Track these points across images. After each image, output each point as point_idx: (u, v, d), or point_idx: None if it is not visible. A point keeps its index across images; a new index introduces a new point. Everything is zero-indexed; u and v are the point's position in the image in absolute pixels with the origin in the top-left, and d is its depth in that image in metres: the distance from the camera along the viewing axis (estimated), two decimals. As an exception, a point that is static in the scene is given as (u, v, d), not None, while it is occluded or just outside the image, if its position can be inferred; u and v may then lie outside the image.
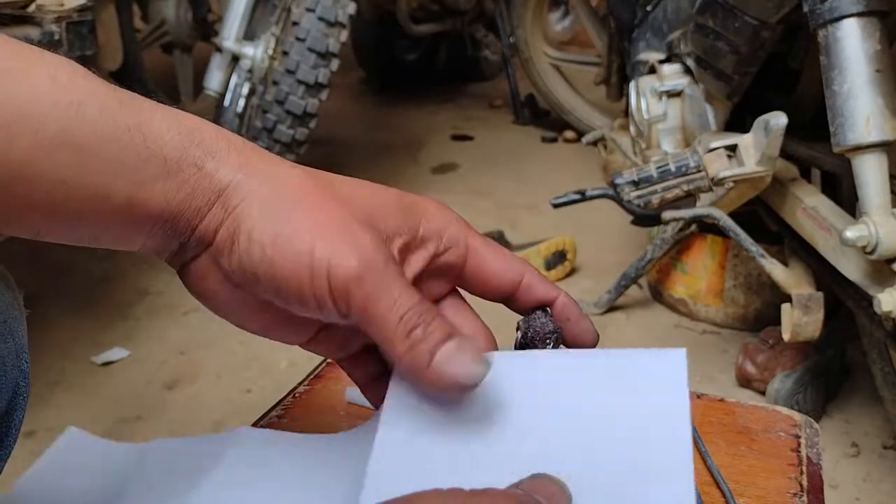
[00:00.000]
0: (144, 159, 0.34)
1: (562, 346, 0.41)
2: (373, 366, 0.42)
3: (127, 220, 0.35)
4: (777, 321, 1.35)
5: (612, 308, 1.80)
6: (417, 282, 0.39)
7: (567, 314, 0.41)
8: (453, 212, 0.41)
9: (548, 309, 0.41)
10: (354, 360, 0.42)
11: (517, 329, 0.41)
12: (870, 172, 1.04)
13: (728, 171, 1.29)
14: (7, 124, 0.32)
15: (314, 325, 0.40)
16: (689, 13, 1.45)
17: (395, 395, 0.38)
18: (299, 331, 0.40)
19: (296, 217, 0.35)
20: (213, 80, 1.99)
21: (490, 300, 0.42)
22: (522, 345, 0.40)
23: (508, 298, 0.41)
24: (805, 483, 0.52)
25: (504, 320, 0.46)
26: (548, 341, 0.40)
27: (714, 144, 1.31)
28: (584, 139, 2.32)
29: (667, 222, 1.52)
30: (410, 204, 0.39)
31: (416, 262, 0.39)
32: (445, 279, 0.41)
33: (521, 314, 0.42)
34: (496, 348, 0.41)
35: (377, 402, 0.41)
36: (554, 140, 3.04)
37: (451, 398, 0.36)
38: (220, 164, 0.36)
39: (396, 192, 0.39)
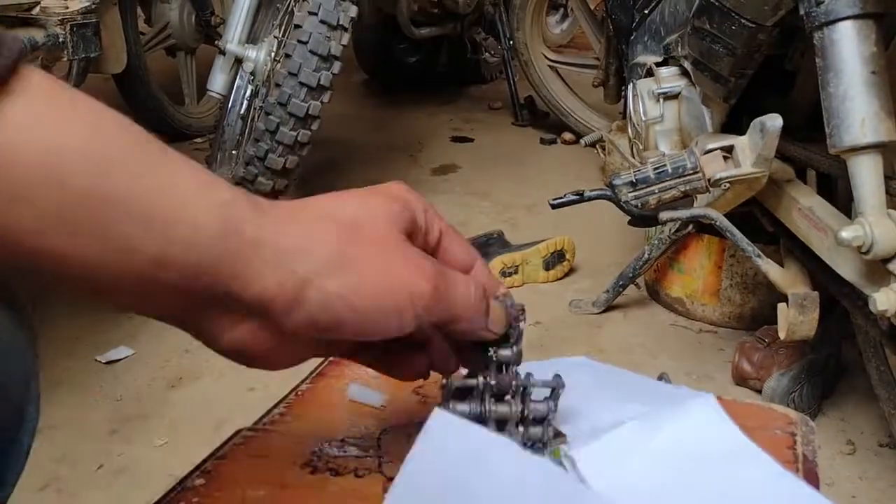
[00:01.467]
0: (174, 222, 0.34)
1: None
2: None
3: (154, 280, 0.34)
4: (773, 320, 1.36)
5: (609, 307, 1.82)
6: None
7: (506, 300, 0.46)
8: (419, 196, 0.44)
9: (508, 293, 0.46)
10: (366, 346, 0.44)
11: None
12: (865, 173, 1.05)
13: (724, 173, 1.30)
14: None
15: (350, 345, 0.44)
16: (686, 16, 1.46)
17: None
18: (332, 352, 0.45)
19: (354, 265, 0.37)
20: (217, 83, 2.00)
21: None
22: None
23: None
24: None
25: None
26: (514, 325, 0.45)
27: (711, 146, 1.32)
28: (583, 141, 2.34)
29: (664, 223, 1.52)
30: (394, 197, 0.42)
31: (420, 245, 0.42)
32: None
33: None
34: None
35: (389, 369, 0.46)
36: (553, 142, 3.05)
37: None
38: (257, 228, 0.36)
39: (382, 194, 0.41)
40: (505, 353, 0.45)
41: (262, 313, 0.37)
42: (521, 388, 0.46)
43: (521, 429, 0.46)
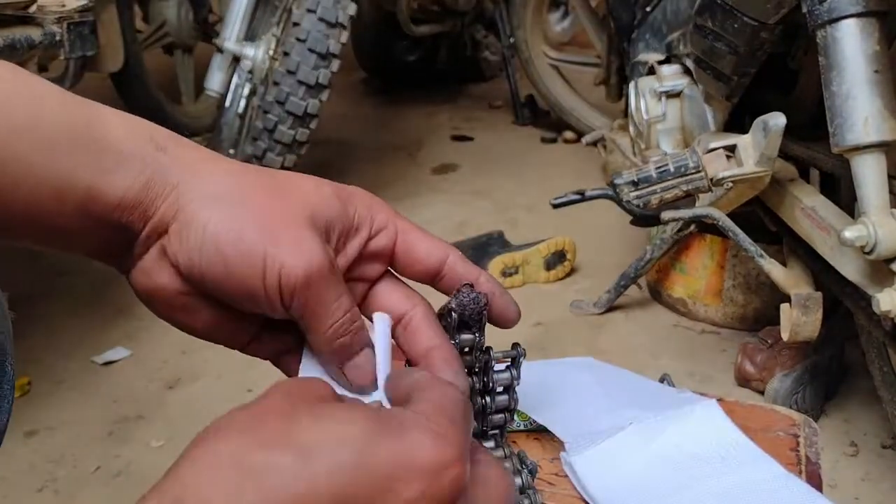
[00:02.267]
0: (102, 150, 0.36)
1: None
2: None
3: (86, 212, 0.37)
4: (776, 321, 1.35)
5: (611, 308, 1.81)
6: (355, 265, 0.42)
7: (488, 291, 0.43)
8: (382, 200, 0.43)
9: (472, 285, 0.43)
10: (290, 358, 0.44)
11: (447, 309, 0.43)
12: (868, 173, 1.04)
13: (727, 172, 1.29)
14: None
15: (255, 326, 0.43)
16: (688, 14, 1.46)
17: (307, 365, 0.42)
18: (241, 332, 0.43)
19: (246, 216, 0.38)
20: (214, 81, 1.99)
21: (418, 281, 0.44)
22: (459, 323, 0.43)
23: (434, 278, 0.44)
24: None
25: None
26: (483, 313, 0.43)
27: (713, 145, 1.32)
28: (584, 140, 2.32)
29: (666, 222, 1.52)
30: (346, 196, 0.41)
31: (352, 247, 0.41)
32: (379, 261, 0.43)
33: (446, 294, 0.44)
34: (435, 314, 0.44)
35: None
36: (554, 140, 3.04)
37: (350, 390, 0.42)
38: (172, 160, 0.38)
39: (334, 186, 0.42)
40: (466, 337, 0.45)
41: (166, 244, 0.38)
42: (484, 362, 0.48)
43: (488, 399, 0.49)
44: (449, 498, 0.30)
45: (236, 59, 1.97)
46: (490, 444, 0.50)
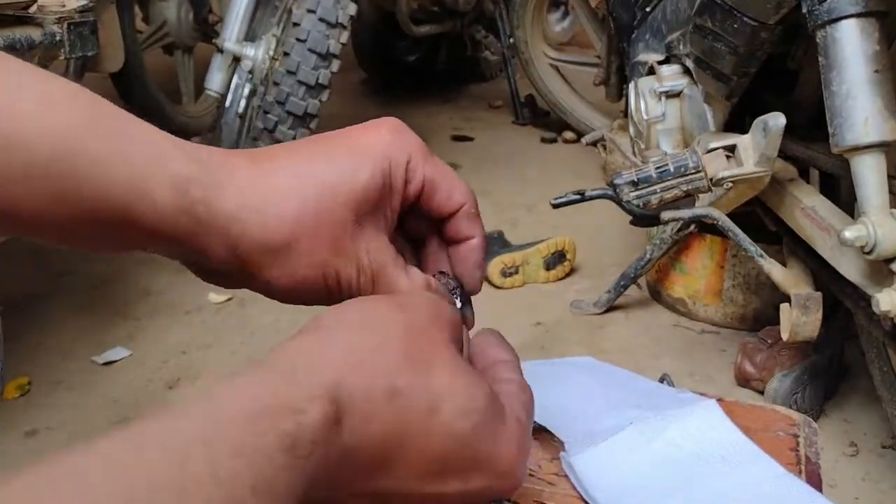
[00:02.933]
0: (137, 196, 0.35)
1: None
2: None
3: (126, 238, 0.37)
4: (776, 321, 1.36)
5: (611, 308, 1.81)
6: (402, 223, 0.43)
7: (472, 258, 0.44)
8: (409, 137, 0.42)
9: (446, 272, 0.44)
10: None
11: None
12: (868, 173, 1.05)
13: (727, 172, 1.29)
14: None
15: None
16: (688, 14, 1.45)
17: None
18: None
19: (305, 260, 0.38)
20: (215, 81, 1.99)
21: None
22: None
23: (441, 222, 0.44)
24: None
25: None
26: (455, 300, 0.44)
27: (713, 145, 1.32)
28: (584, 140, 2.32)
29: (666, 222, 1.52)
30: (372, 153, 0.40)
31: (393, 207, 0.41)
32: (406, 205, 0.43)
33: (448, 240, 0.44)
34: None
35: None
36: (553, 140, 3.05)
37: None
38: (212, 209, 0.37)
39: (357, 152, 0.40)
40: None
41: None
42: None
43: None
44: (498, 497, 0.36)
45: (236, 60, 1.97)
46: None
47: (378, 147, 0.40)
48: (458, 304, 0.43)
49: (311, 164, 0.39)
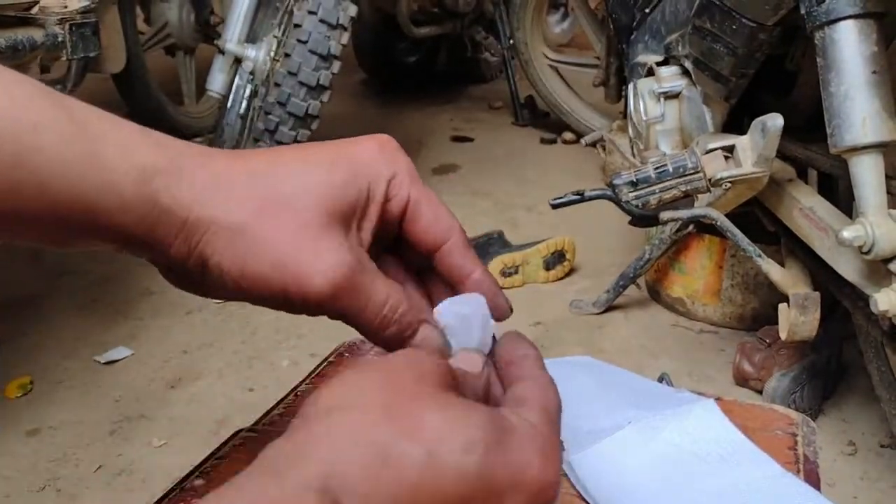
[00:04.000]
0: (102, 191, 0.35)
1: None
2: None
3: (91, 234, 0.37)
4: (774, 321, 1.36)
5: (610, 308, 1.81)
6: (377, 233, 0.41)
7: (482, 289, 0.42)
8: (398, 155, 0.42)
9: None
10: None
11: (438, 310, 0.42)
12: (866, 173, 1.05)
13: (725, 172, 1.30)
14: None
15: None
16: (686, 16, 1.46)
17: None
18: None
19: (259, 247, 0.37)
20: (216, 82, 1.99)
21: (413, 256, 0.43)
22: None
23: (431, 256, 0.42)
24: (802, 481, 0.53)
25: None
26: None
27: (712, 145, 1.32)
28: (583, 140, 2.33)
29: (665, 223, 1.52)
30: (347, 165, 0.40)
31: (371, 218, 0.40)
32: (390, 228, 0.42)
33: (442, 275, 0.42)
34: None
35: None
36: (553, 141, 3.05)
37: None
38: (175, 197, 0.37)
39: (347, 160, 0.40)
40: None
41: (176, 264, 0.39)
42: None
43: None
44: None
45: (238, 61, 1.98)
46: None
47: (362, 156, 0.40)
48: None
49: (288, 160, 0.39)
